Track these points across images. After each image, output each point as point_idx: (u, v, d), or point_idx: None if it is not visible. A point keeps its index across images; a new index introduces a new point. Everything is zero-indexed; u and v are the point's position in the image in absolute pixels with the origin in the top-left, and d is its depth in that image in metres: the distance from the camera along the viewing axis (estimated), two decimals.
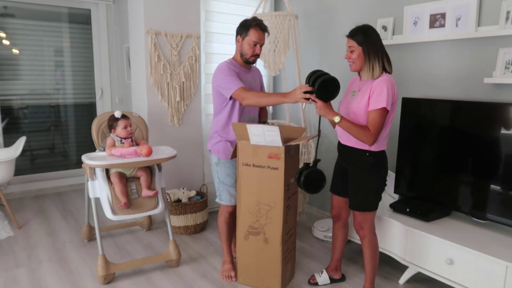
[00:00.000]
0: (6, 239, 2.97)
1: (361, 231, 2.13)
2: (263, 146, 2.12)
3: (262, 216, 2.20)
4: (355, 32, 1.98)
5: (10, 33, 3.95)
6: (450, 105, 2.38)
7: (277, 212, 2.16)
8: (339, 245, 2.37)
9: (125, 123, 2.48)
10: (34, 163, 4.31)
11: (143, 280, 2.42)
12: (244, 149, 2.17)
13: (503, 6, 2.19)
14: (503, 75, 2.19)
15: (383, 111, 1.90)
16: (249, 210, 2.23)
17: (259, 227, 2.22)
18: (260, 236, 2.23)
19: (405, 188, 2.64)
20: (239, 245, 2.31)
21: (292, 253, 2.41)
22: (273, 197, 2.15)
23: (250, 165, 2.17)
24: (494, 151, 2.16)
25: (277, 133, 2.04)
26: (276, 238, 2.20)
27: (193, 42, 3.28)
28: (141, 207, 2.40)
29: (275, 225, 2.18)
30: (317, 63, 3.49)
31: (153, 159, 2.36)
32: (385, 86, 1.89)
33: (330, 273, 2.41)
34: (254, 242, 2.26)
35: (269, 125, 2.06)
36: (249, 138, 2.13)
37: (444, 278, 2.15)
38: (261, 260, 2.26)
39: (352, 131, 1.93)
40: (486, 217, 2.23)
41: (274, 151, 2.10)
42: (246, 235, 2.27)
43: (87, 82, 4.45)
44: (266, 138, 2.09)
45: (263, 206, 2.19)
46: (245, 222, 2.26)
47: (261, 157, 2.14)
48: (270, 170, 2.13)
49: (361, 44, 1.95)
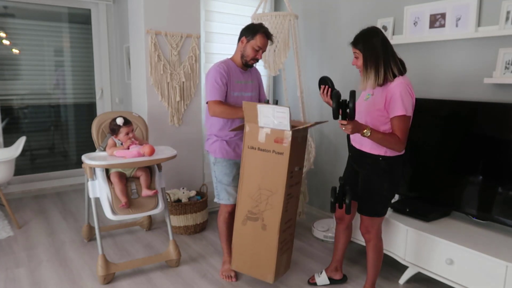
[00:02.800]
0: (6, 239, 2.96)
1: (367, 235, 2.10)
2: (270, 129, 2.06)
3: (263, 201, 2.14)
4: (356, 39, 1.94)
5: (10, 33, 3.95)
6: (450, 105, 2.38)
7: (278, 198, 2.10)
8: (341, 247, 2.36)
9: (127, 130, 2.46)
10: (34, 163, 4.31)
11: (143, 280, 2.42)
12: (251, 131, 2.13)
13: (503, 6, 2.19)
14: (503, 75, 2.19)
15: (405, 117, 1.87)
16: (250, 194, 2.18)
17: (258, 213, 2.17)
18: (258, 222, 2.17)
19: (405, 188, 2.64)
20: (236, 229, 2.26)
21: (289, 245, 2.35)
22: (275, 183, 2.10)
23: (256, 148, 2.12)
24: (494, 151, 2.16)
25: (287, 114, 1.97)
26: (274, 226, 2.13)
27: (193, 42, 3.28)
28: (141, 207, 2.40)
29: (274, 211, 2.12)
30: (317, 63, 3.49)
31: (153, 159, 2.36)
32: (398, 92, 1.84)
33: (330, 274, 2.40)
34: (251, 228, 2.20)
35: (280, 106, 2.00)
36: (257, 120, 2.08)
37: (444, 278, 2.15)
38: (256, 247, 2.21)
39: (383, 142, 1.88)
40: (486, 217, 2.23)
41: (280, 135, 2.04)
42: (244, 220, 2.21)
43: (87, 82, 4.45)
44: (275, 120, 2.02)
45: (264, 192, 2.13)
46: (245, 206, 2.20)
47: (267, 140, 2.09)
48: (275, 154, 2.08)
49: (363, 52, 1.91)
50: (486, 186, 2.22)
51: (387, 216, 2.45)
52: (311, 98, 3.56)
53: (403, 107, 1.84)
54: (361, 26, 1.99)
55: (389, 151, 1.95)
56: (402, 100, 1.84)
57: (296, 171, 2.19)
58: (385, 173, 1.98)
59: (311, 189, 3.55)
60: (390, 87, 1.88)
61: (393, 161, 1.97)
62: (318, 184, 3.57)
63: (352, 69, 3.14)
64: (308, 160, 3.16)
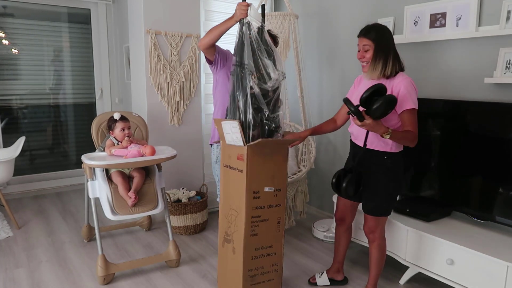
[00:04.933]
0: (5, 239, 2.96)
1: (372, 235, 2.09)
2: (235, 146, 1.93)
3: (232, 222, 2.03)
4: (369, 30, 1.91)
5: (9, 33, 3.94)
6: (450, 105, 2.38)
7: (241, 219, 1.95)
8: (342, 248, 2.34)
9: (122, 125, 2.47)
10: (33, 163, 4.30)
11: (143, 280, 2.42)
12: (224, 149, 2.04)
13: (504, 6, 2.19)
14: (503, 75, 2.19)
15: (415, 111, 1.88)
16: (225, 214, 2.08)
17: (230, 234, 2.05)
18: (230, 244, 2.06)
19: (406, 188, 2.64)
20: (219, 251, 2.17)
21: (271, 277, 2.10)
22: (238, 202, 1.96)
23: (227, 166, 2.02)
24: (495, 151, 2.16)
25: (237, 128, 1.84)
26: (239, 249, 1.98)
27: (193, 42, 3.28)
28: (141, 207, 2.40)
29: (239, 233, 1.97)
30: (317, 63, 3.48)
31: (153, 158, 2.36)
32: (405, 86, 1.86)
33: (332, 275, 2.39)
34: (226, 250, 2.09)
35: (231, 120, 1.89)
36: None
37: (444, 278, 2.15)
38: (229, 271, 2.10)
39: (402, 140, 1.87)
40: (487, 217, 2.23)
41: (241, 151, 1.89)
42: (223, 242, 2.11)
43: (86, 82, 4.44)
44: (232, 136, 1.90)
45: (233, 212, 2.02)
46: (222, 228, 2.11)
47: (233, 158, 1.96)
48: (237, 172, 1.94)
49: (376, 41, 1.88)
50: (486, 186, 2.21)
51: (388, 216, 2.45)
52: (311, 98, 3.55)
53: (411, 100, 1.86)
54: (361, 26, 1.99)
55: (394, 147, 1.95)
56: (410, 94, 1.86)
57: (268, 192, 1.98)
58: (390, 172, 1.98)
59: (311, 189, 3.54)
60: (395, 82, 1.89)
61: (397, 157, 1.98)
62: (318, 184, 3.56)
63: (351, 68, 3.14)
64: (309, 160, 3.16)
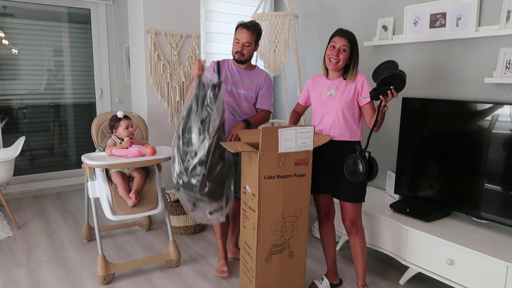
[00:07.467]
0: (5, 240, 2.96)
1: (355, 226, 2.16)
2: (290, 153, 1.96)
3: (288, 229, 2.07)
4: (347, 32, 2.07)
5: (9, 33, 3.94)
6: (450, 105, 2.38)
7: (303, 220, 2.08)
8: (332, 247, 2.34)
9: (127, 123, 2.48)
10: (33, 163, 4.30)
11: (143, 280, 2.42)
12: (268, 160, 1.94)
13: (504, 6, 2.19)
14: (503, 75, 2.19)
15: None
16: (272, 227, 2.04)
17: (283, 243, 2.08)
18: (284, 252, 2.09)
19: (405, 188, 2.64)
20: (259, 270, 2.07)
21: None
22: (300, 205, 2.06)
23: (274, 177, 1.98)
24: (495, 151, 2.16)
25: (311, 134, 1.95)
26: (301, 249, 2.12)
27: (193, 42, 3.28)
28: (141, 207, 2.40)
29: (301, 235, 2.10)
30: (317, 63, 3.48)
31: (153, 158, 2.36)
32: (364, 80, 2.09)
33: (332, 279, 2.37)
34: (277, 261, 2.09)
35: (303, 126, 1.96)
36: (277, 145, 1.94)
37: (444, 278, 2.15)
38: (284, 279, 2.12)
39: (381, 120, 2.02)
40: (487, 217, 2.23)
41: (301, 156, 1.99)
42: (268, 256, 2.07)
43: (86, 82, 4.44)
44: (297, 142, 1.97)
45: (289, 218, 2.06)
46: (267, 243, 2.05)
47: (287, 166, 1.98)
48: (296, 178, 2.01)
49: (354, 44, 2.06)
50: (486, 186, 2.21)
51: (388, 216, 2.45)
52: None
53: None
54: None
55: (359, 136, 2.16)
56: (369, 86, 2.08)
57: None
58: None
59: None
60: (358, 79, 2.10)
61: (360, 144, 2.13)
62: None
63: None
64: None
